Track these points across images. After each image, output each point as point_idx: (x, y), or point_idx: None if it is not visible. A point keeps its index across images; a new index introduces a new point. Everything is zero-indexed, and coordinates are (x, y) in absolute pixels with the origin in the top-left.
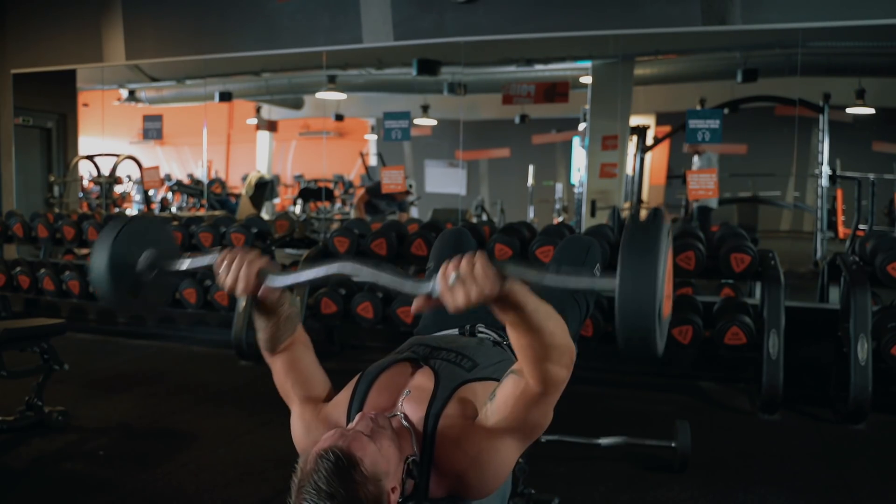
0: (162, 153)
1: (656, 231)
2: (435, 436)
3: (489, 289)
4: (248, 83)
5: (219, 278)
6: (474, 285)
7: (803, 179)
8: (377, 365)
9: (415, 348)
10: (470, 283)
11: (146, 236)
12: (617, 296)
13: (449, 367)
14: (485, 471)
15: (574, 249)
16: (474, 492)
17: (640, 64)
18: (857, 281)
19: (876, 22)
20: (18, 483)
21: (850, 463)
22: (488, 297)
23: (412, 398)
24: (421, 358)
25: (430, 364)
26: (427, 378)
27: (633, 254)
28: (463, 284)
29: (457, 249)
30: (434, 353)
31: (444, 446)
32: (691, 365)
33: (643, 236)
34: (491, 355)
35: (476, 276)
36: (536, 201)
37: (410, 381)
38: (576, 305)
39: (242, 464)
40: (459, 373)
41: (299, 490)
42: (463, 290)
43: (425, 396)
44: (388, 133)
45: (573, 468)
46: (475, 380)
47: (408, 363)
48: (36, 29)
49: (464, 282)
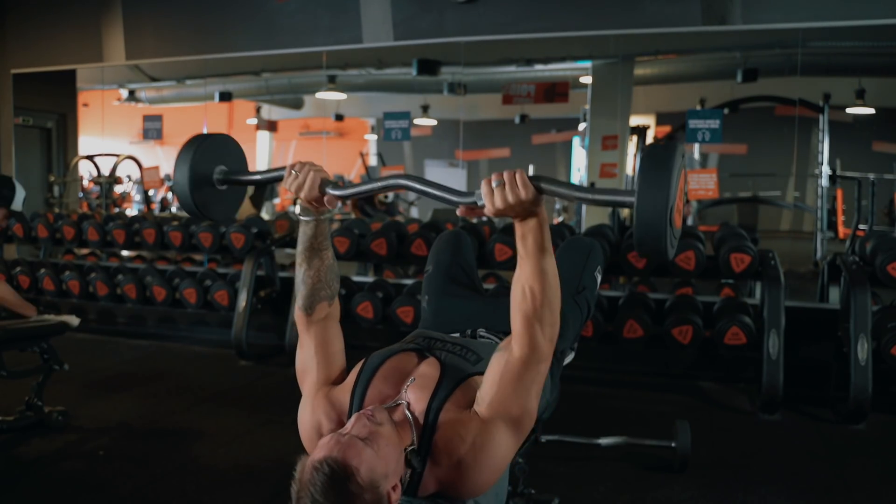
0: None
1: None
2: (436, 425)
3: (525, 195)
4: (248, 83)
5: (286, 182)
6: (513, 190)
7: (803, 179)
8: (382, 353)
9: (420, 340)
10: (511, 187)
11: (220, 151)
12: (636, 200)
13: (455, 358)
14: (479, 459)
15: (575, 251)
16: (469, 484)
17: (640, 64)
18: (857, 281)
19: (876, 22)
20: (18, 483)
21: (850, 463)
22: (524, 202)
23: (417, 385)
24: (426, 349)
25: (435, 355)
26: (433, 368)
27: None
28: (503, 188)
29: (455, 252)
30: (440, 344)
31: (443, 435)
32: (691, 365)
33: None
34: None
35: (517, 182)
36: None
37: (416, 370)
38: (577, 308)
39: (242, 464)
40: (465, 365)
41: (298, 500)
42: (502, 194)
43: (430, 385)
44: (388, 133)
45: (573, 468)
46: (479, 374)
47: (413, 353)
48: (36, 29)
49: (504, 186)
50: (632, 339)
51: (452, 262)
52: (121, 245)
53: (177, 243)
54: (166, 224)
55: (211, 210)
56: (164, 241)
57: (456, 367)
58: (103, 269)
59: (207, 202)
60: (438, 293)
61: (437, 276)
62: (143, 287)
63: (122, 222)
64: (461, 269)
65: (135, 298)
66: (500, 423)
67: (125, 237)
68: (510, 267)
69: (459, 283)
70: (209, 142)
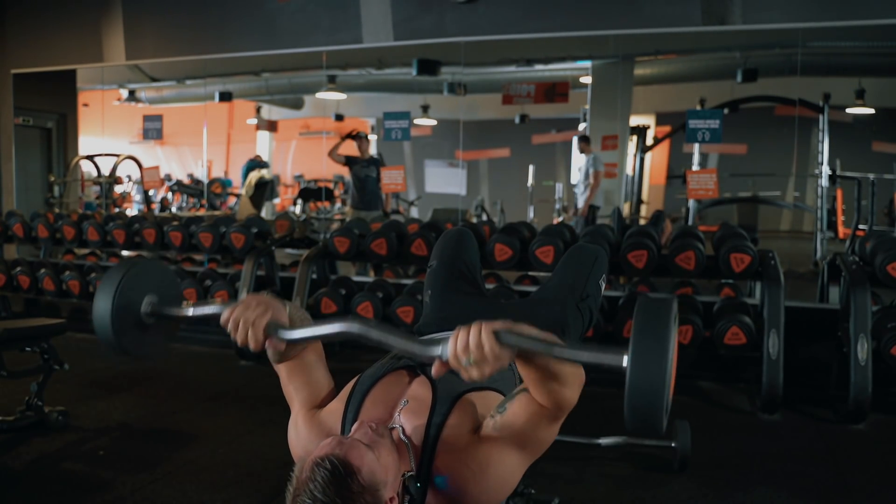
0: (162, 153)
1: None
2: (435, 449)
3: (502, 363)
4: (248, 83)
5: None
6: (487, 365)
7: (803, 179)
8: (372, 374)
9: None
10: (482, 364)
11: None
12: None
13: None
14: (487, 488)
15: (581, 258)
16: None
17: (640, 64)
18: (857, 281)
19: (876, 22)
20: (18, 483)
21: (850, 463)
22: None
23: (410, 409)
24: (417, 365)
25: (426, 372)
26: (425, 388)
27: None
28: (477, 366)
29: (459, 249)
30: None
31: (444, 460)
32: (691, 365)
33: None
34: None
35: (487, 357)
36: (536, 201)
37: (407, 391)
38: (579, 316)
39: (242, 464)
40: (457, 382)
41: (294, 498)
42: (478, 371)
43: (424, 408)
44: (388, 133)
45: (573, 468)
46: (473, 390)
47: (404, 371)
48: (36, 29)
49: (477, 363)
50: None
51: (456, 258)
52: (121, 245)
53: (177, 243)
54: (166, 224)
55: (138, 347)
56: (165, 241)
57: (448, 385)
58: (103, 270)
59: (135, 339)
60: (441, 288)
61: (440, 272)
62: None
63: (122, 222)
64: (465, 267)
65: None
66: (513, 452)
67: (125, 237)
68: (510, 267)
69: (462, 280)
70: (137, 269)
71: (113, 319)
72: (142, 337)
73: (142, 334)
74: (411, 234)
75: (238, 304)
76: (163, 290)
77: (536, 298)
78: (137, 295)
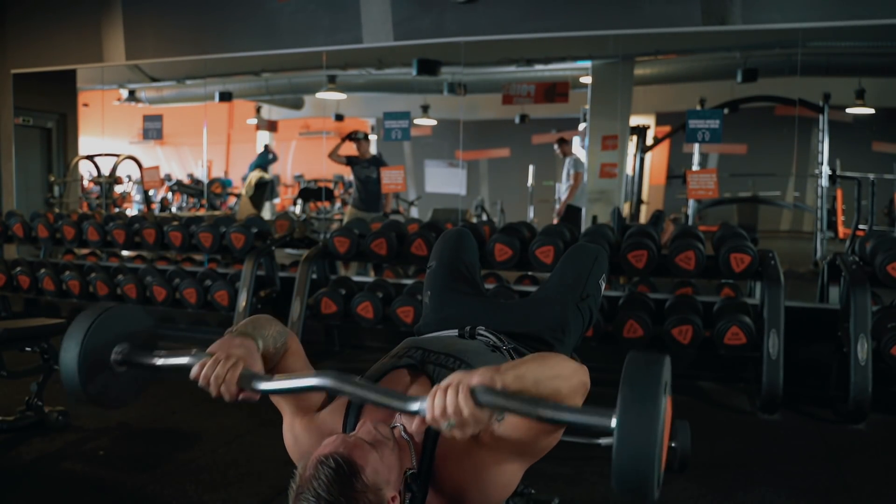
0: (162, 153)
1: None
2: (435, 449)
3: (484, 424)
4: (248, 83)
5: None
6: (468, 427)
7: (803, 179)
8: (372, 374)
9: (410, 353)
10: (464, 427)
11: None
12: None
13: (446, 373)
14: (487, 489)
15: (581, 258)
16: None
17: (640, 64)
18: (857, 281)
19: (876, 22)
20: (18, 483)
21: (850, 463)
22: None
23: None
24: (417, 364)
25: (427, 371)
26: (424, 387)
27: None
28: (459, 428)
29: (459, 249)
30: (430, 357)
31: (444, 461)
32: (691, 365)
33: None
34: (489, 361)
35: (467, 422)
36: (536, 201)
37: (408, 391)
38: (579, 315)
39: (242, 464)
40: None
41: (297, 496)
42: (460, 432)
43: None
44: (388, 133)
45: (573, 468)
46: None
47: (405, 370)
48: (36, 29)
49: (459, 427)
50: (632, 339)
51: (456, 259)
52: (121, 245)
53: (177, 243)
54: (166, 224)
55: (107, 396)
56: (165, 241)
57: None
58: (103, 269)
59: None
60: (441, 289)
61: (439, 272)
62: (144, 287)
63: (122, 222)
64: (464, 267)
65: (135, 298)
66: (515, 457)
67: (125, 237)
68: (510, 267)
69: (462, 281)
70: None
71: (80, 367)
72: (112, 385)
73: (112, 382)
74: (411, 234)
75: (209, 359)
76: (136, 336)
77: (536, 298)
78: (107, 342)
